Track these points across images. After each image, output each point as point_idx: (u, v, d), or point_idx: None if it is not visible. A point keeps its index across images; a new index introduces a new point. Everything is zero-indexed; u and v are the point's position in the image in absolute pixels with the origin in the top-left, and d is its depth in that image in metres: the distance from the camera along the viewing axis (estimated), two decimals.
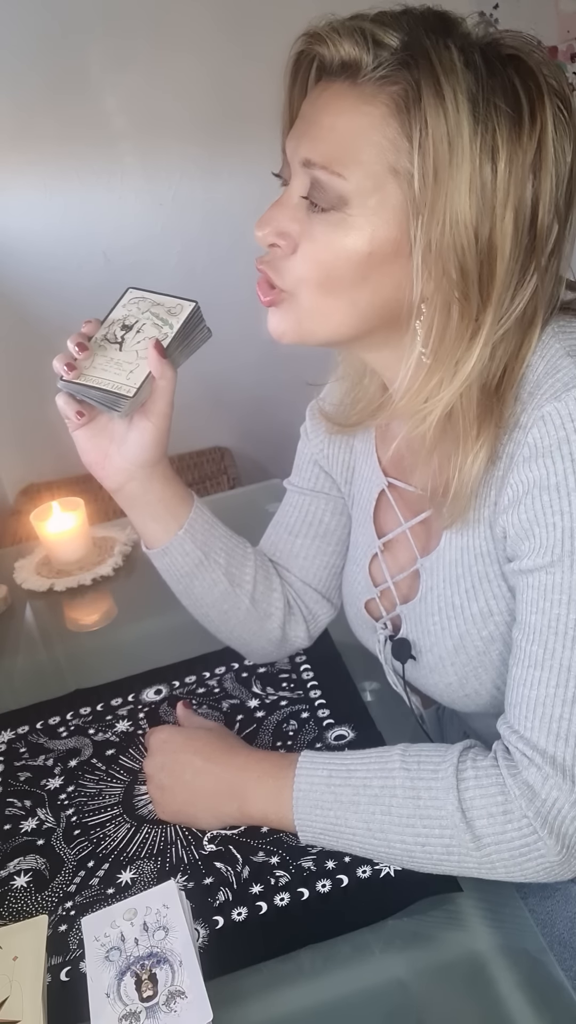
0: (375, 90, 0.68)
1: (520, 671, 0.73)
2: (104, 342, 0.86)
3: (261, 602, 0.98)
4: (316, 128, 0.71)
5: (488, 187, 0.66)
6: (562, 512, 0.70)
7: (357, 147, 0.69)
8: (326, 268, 0.72)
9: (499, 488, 0.76)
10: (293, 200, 0.73)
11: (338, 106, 0.70)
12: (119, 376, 0.83)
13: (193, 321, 0.86)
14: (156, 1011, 0.67)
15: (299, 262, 0.73)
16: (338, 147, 0.70)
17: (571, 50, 2.57)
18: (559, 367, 0.72)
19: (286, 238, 0.73)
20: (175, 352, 0.85)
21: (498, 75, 0.67)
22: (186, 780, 0.84)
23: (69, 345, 0.85)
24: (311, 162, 0.71)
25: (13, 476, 2.52)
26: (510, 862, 0.71)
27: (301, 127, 0.73)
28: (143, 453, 0.87)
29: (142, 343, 0.84)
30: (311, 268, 0.73)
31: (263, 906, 0.76)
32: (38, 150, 2.27)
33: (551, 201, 0.69)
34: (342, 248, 0.71)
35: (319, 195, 0.71)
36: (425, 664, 0.88)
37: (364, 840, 0.76)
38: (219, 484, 2.35)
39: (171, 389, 0.85)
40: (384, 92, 0.68)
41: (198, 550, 0.93)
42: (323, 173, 0.70)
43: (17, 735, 1.04)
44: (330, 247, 0.72)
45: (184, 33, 2.23)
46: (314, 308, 0.75)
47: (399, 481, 0.90)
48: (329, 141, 0.70)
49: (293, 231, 0.73)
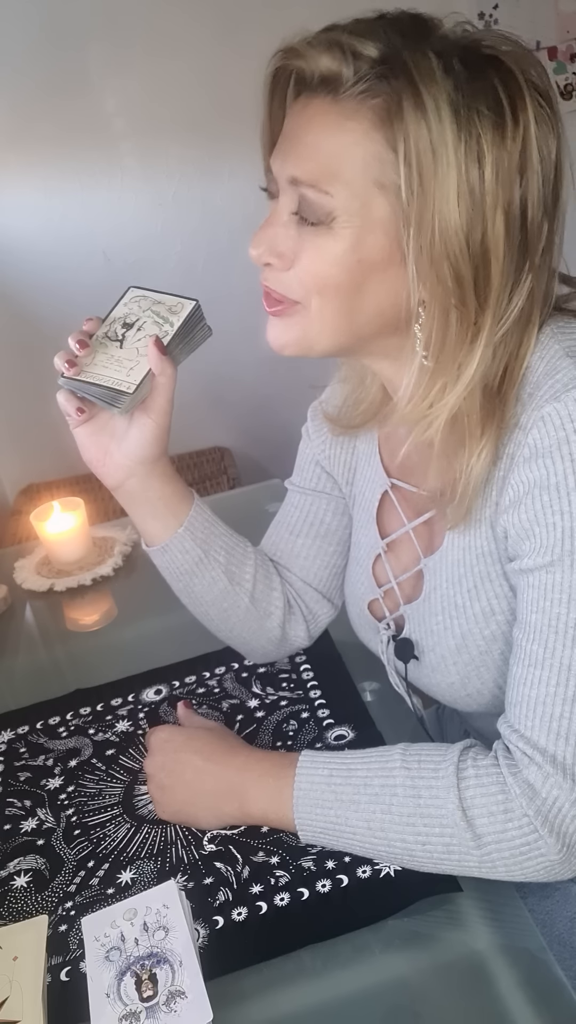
0: (356, 105, 0.69)
1: (520, 670, 0.73)
2: (105, 340, 0.86)
3: (261, 601, 0.98)
4: (300, 146, 0.72)
5: (476, 192, 0.66)
6: (562, 512, 0.70)
7: (342, 164, 0.70)
8: (322, 279, 0.73)
9: (500, 488, 0.76)
10: (283, 217, 0.74)
11: (321, 123, 0.70)
12: (119, 373, 0.84)
13: (194, 319, 0.86)
14: (156, 1011, 0.67)
15: (296, 276, 0.74)
16: (323, 165, 0.70)
17: (571, 50, 2.57)
18: (558, 368, 0.72)
19: (281, 256, 0.74)
20: (175, 350, 0.85)
21: (478, 78, 0.67)
22: (186, 780, 0.84)
23: (70, 342, 0.85)
24: (298, 180, 0.71)
25: (13, 476, 2.52)
26: (510, 861, 0.71)
27: (285, 145, 0.73)
28: (143, 450, 0.87)
29: (143, 341, 0.85)
30: (308, 280, 0.74)
31: (263, 906, 0.76)
32: (38, 151, 2.27)
33: (539, 199, 0.69)
34: (334, 259, 0.72)
35: (308, 211, 0.72)
36: (427, 664, 0.88)
37: (364, 839, 0.76)
38: (219, 484, 2.34)
39: (171, 386, 0.85)
40: (365, 106, 0.68)
41: (198, 548, 0.93)
42: (310, 191, 0.71)
43: (17, 735, 1.04)
44: (323, 259, 0.72)
45: (183, 34, 2.23)
46: (318, 318, 0.75)
47: (402, 482, 0.91)
48: (314, 159, 0.71)
49: (287, 248, 0.74)
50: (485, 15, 2.43)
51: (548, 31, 2.53)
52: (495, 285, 0.69)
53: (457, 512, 0.78)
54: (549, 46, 2.54)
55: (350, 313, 0.75)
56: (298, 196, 0.72)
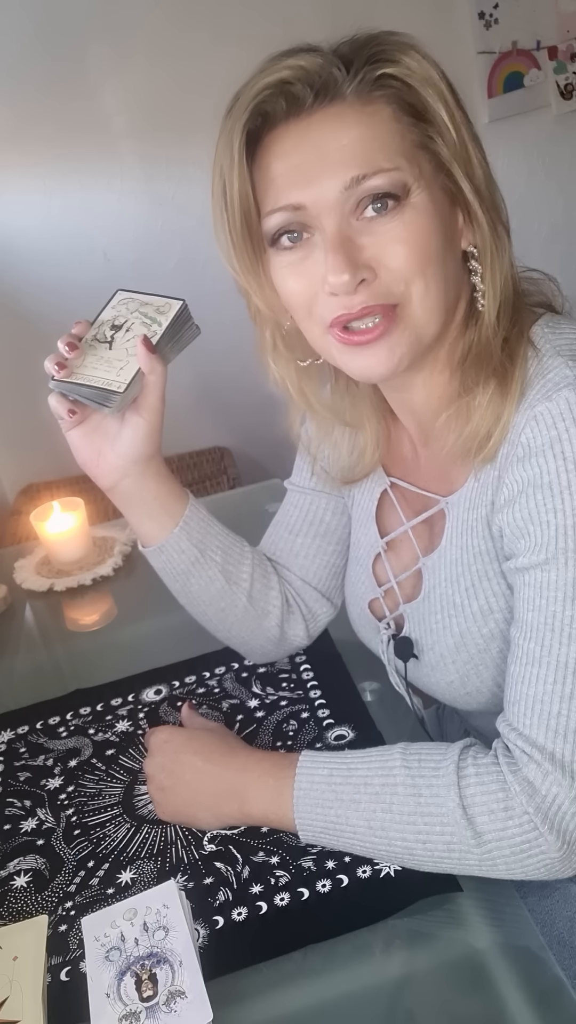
0: (362, 94, 0.71)
1: (518, 668, 0.73)
2: (94, 342, 0.87)
3: (258, 600, 0.98)
4: (342, 151, 0.71)
5: (466, 120, 0.74)
6: (556, 510, 0.70)
7: (386, 142, 0.71)
8: (422, 253, 0.73)
9: (495, 487, 0.77)
10: (342, 236, 0.72)
11: (347, 121, 0.71)
12: (109, 373, 0.84)
13: (182, 319, 0.87)
14: (156, 1011, 0.67)
15: (393, 270, 0.72)
16: (376, 150, 0.71)
17: (571, 50, 2.57)
18: (550, 367, 0.73)
19: (368, 266, 0.72)
20: (165, 349, 0.86)
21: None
22: (186, 781, 0.84)
23: (59, 345, 0.86)
24: (363, 177, 0.70)
25: (13, 476, 2.52)
26: (511, 859, 0.71)
27: (318, 165, 0.71)
28: (136, 449, 0.87)
29: (132, 341, 0.86)
30: (411, 262, 0.72)
31: (263, 906, 0.76)
32: (38, 150, 2.27)
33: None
34: (423, 227, 0.72)
35: (382, 200, 0.71)
36: (427, 663, 0.88)
37: (365, 838, 0.76)
38: (219, 484, 2.34)
39: (161, 384, 0.86)
40: (368, 88, 0.71)
41: (194, 547, 0.93)
42: (379, 178, 0.70)
43: (17, 735, 1.04)
44: (417, 233, 0.72)
45: (183, 34, 2.23)
46: (421, 307, 0.74)
47: (402, 480, 0.91)
48: (365, 152, 0.71)
49: (369, 256, 0.72)
50: (485, 15, 2.43)
51: (548, 31, 2.53)
52: (501, 203, 0.76)
53: (482, 451, 0.77)
54: (549, 46, 2.54)
55: (445, 283, 0.75)
56: (363, 193, 0.71)
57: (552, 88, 2.59)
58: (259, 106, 0.73)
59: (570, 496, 0.70)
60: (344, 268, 0.71)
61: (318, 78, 0.71)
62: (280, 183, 0.73)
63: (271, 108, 0.73)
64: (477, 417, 0.76)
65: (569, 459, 0.70)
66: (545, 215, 2.69)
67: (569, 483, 0.70)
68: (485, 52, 2.46)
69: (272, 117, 0.73)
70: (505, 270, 0.76)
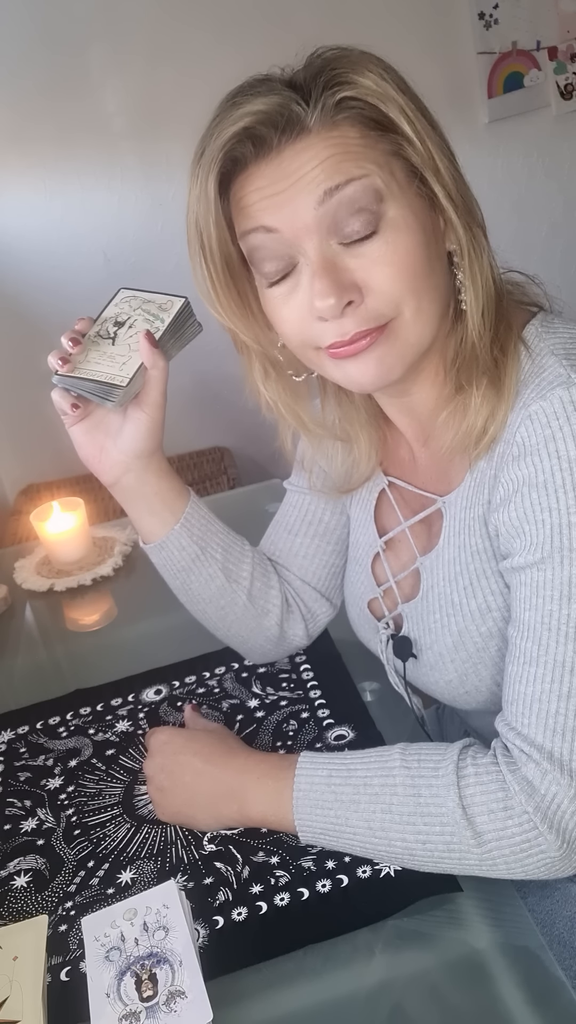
0: (326, 122, 0.70)
1: (515, 668, 0.73)
2: (97, 338, 0.87)
3: (258, 599, 0.98)
4: (310, 173, 0.70)
5: (429, 128, 0.73)
6: (550, 509, 0.71)
7: (356, 156, 0.70)
8: (411, 269, 0.72)
9: (491, 487, 0.77)
10: (325, 259, 0.72)
11: (312, 152, 0.70)
12: (112, 368, 0.85)
13: (184, 315, 0.87)
14: (156, 1011, 0.67)
15: (382, 292, 0.72)
16: (344, 162, 0.70)
17: (571, 50, 2.57)
18: (544, 367, 0.74)
19: (356, 288, 0.72)
20: (167, 344, 0.87)
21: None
22: (186, 782, 0.85)
23: (63, 341, 0.87)
24: (336, 187, 0.70)
25: (13, 476, 2.52)
26: (511, 858, 0.71)
27: (290, 190, 0.71)
28: (138, 444, 0.88)
29: (134, 337, 0.86)
30: (401, 282, 0.72)
31: (263, 906, 0.76)
32: (38, 151, 2.27)
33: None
34: (408, 243, 0.72)
35: (356, 207, 0.70)
36: (425, 662, 0.88)
37: (365, 839, 0.76)
38: (219, 484, 2.34)
39: (164, 379, 0.86)
40: (332, 115, 0.70)
41: (194, 545, 0.94)
42: (351, 187, 0.70)
43: (17, 735, 1.04)
44: (401, 250, 0.72)
45: (183, 33, 2.23)
46: (414, 319, 0.74)
47: (399, 480, 0.91)
48: (334, 165, 0.70)
49: (356, 277, 0.72)
50: (485, 15, 2.43)
51: (548, 31, 2.53)
52: (474, 205, 0.76)
53: (478, 445, 0.77)
54: (549, 46, 2.54)
55: (437, 293, 0.75)
56: (339, 204, 0.70)
57: (552, 88, 2.59)
58: (228, 153, 0.72)
59: (565, 495, 0.70)
60: (330, 292, 0.71)
61: (280, 118, 0.70)
62: (253, 210, 0.73)
63: (239, 153, 0.72)
64: (472, 412, 0.77)
65: (564, 458, 0.70)
66: (545, 215, 2.69)
67: (564, 482, 0.70)
68: (485, 52, 2.46)
69: (242, 160, 0.73)
70: (485, 271, 0.75)
